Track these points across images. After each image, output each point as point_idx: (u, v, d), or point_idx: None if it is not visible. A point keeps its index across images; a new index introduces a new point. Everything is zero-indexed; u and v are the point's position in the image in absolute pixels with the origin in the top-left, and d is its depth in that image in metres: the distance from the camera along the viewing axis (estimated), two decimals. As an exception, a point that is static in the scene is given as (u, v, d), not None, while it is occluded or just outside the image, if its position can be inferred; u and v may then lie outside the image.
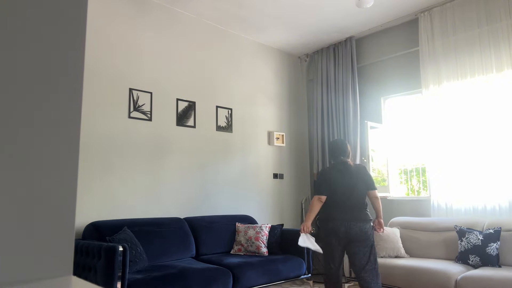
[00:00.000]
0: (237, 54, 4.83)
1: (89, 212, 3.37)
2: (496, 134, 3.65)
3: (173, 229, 3.55)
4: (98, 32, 3.61)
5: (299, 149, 5.46)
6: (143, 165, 3.78)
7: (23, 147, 0.64)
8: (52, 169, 0.66)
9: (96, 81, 3.54)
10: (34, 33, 0.67)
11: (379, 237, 3.72)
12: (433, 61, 4.16)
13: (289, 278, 3.61)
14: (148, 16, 4.00)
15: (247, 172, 4.72)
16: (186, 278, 2.87)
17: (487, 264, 3.17)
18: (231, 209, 4.49)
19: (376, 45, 4.89)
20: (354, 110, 4.84)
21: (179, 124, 4.11)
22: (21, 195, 0.63)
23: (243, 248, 3.83)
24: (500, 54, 3.69)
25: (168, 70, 4.10)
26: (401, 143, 4.69)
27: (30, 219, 0.63)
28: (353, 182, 2.97)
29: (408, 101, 4.66)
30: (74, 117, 0.70)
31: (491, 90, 3.72)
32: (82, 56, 0.73)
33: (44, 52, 0.68)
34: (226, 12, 4.31)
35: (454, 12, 4.03)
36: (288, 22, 4.60)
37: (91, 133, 3.45)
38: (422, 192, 4.50)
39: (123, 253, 2.60)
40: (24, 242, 0.63)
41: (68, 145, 0.69)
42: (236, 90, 4.75)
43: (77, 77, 0.71)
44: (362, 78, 5.04)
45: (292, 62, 5.58)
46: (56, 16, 0.70)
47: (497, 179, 3.62)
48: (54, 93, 0.68)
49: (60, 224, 0.67)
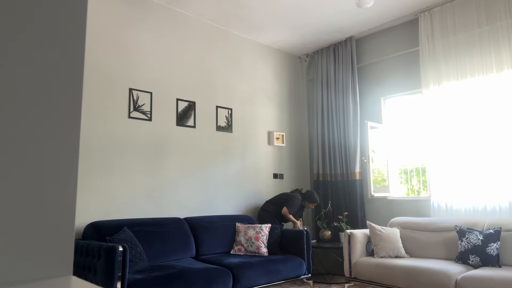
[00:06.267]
0: (237, 54, 4.83)
1: (89, 212, 3.36)
2: (496, 134, 3.65)
3: (173, 229, 3.55)
4: (98, 32, 3.60)
5: (299, 149, 5.46)
6: (143, 165, 3.78)
7: (23, 147, 0.64)
8: (52, 169, 0.66)
9: (96, 81, 3.54)
10: (34, 33, 0.67)
11: (379, 237, 3.72)
12: (433, 61, 4.16)
13: (289, 278, 3.61)
14: (148, 16, 4.00)
15: (247, 172, 4.72)
16: (186, 278, 2.87)
17: (487, 264, 3.17)
18: (231, 209, 4.49)
19: (376, 45, 4.89)
20: (354, 110, 4.84)
21: (179, 124, 4.11)
22: (21, 195, 0.63)
23: (243, 248, 3.83)
24: (500, 54, 3.69)
25: (168, 70, 4.10)
26: (401, 143, 4.69)
27: (30, 219, 0.63)
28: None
29: (408, 101, 4.66)
30: (74, 117, 0.70)
31: (491, 90, 3.72)
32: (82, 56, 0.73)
33: (44, 52, 0.68)
34: (226, 12, 4.31)
35: (454, 12, 4.03)
36: (288, 22, 4.59)
37: (91, 133, 3.45)
38: (422, 192, 4.50)
39: (123, 253, 2.60)
40: (24, 242, 0.62)
41: (68, 145, 0.69)
42: (236, 90, 4.75)
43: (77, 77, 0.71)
44: (362, 78, 5.04)
45: (292, 62, 5.58)
46: (56, 16, 0.70)
47: (497, 179, 3.62)
48: (54, 93, 0.68)
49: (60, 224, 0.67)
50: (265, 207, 4.41)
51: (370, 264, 3.54)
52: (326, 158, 5.05)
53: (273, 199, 4.48)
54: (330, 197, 4.96)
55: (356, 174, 4.73)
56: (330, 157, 5.04)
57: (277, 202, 4.41)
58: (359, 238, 3.80)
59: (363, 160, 4.81)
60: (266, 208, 4.39)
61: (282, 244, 3.98)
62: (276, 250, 3.87)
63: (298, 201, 4.36)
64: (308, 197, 4.44)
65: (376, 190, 4.74)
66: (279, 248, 3.92)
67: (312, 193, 4.47)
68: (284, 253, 3.89)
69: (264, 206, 4.44)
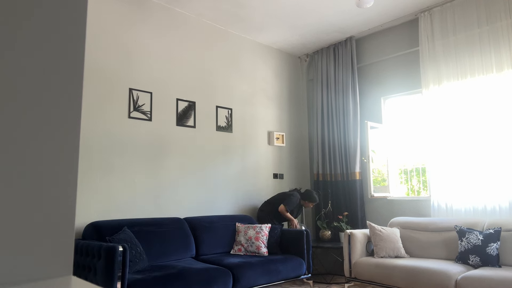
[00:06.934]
0: (237, 54, 4.83)
1: (89, 212, 3.36)
2: (496, 134, 3.65)
3: (173, 229, 3.55)
4: (98, 32, 3.61)
5: (299, 149, 5.46)
6: (143, 165, 3.78)
7: (23, 147, 0.64)
8: (52, 169, 0.66)
9: (96, 81, 3.54)
10: (34, 33, 0.67)
11: (379, 237, 3.72)
12: (433, 61, 4.16)
13: (289, 278, 3.61)
14: (148, 16, 4.00)
15: (247, 172, 4.72)
16: (186, 278, 2.87)
17: (487, 264, 3.17)
18: (231, 209, 4.49)
19: (376, 45, 4.89)
20: (354, 110, 4.84)
21: (179, 124, 4.11)
22: (21, 195, 0.63)
23: (243, 248, 3.83)
24: (500, 54, 3.69)
25: (168, 70, 4.10)
26: (401, 143, 4.69)
27: (30, 219, 0.63)
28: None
29: (408, 101, 4.66)
30: (74, 117, 0.70)
31: (491, 90, 3.72)
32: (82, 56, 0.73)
33: (44, 52, 0.68)
34: (226, 12, 4.31)
35: (454, 12, 4.03)
36: (288, 22, 4.59)
37: (91, 133, 3.45)
38: (422, 192, 4.50)
39: (123, 253, 2.60)
40: (24, 242, 0.62)
41: (68, 145, 0.69)
42: (236, 90, 4.75)
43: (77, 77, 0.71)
44: (362, 78, 5.04)
45: (292, 62, 5.58)
46: (56, 16, 0.70)
47: (497, 179, 3.62)
48: (54, 93, 0.68)
49: (60, 224, 0.67)
50: (263, 208, 4.41)
51: (370, 264, 3.54)
52: (326, 158, 5.05)
53: (271, 199, 4.48)
54: (330, 197, 4.96)
55: (356, 174, 4.73)
56: (330, 157, 5.04)
57: (274, 201, 4.41)
58: (359, 238, 3.80)
59: (363, 160, 4.81)
60: (263, 209, 4.40)
61: (282, 244, 3.98)
62: (276, 250, 3.87)
63: (296, 199, 4.36)
64: (308, 196, 4.44)
65: (376, 190, 4.74)
66: (279, 248, 3.92)
67: (311, 192, 4.47)
68: (284, 253, 3.89)
69: (262, 207, 4.44)
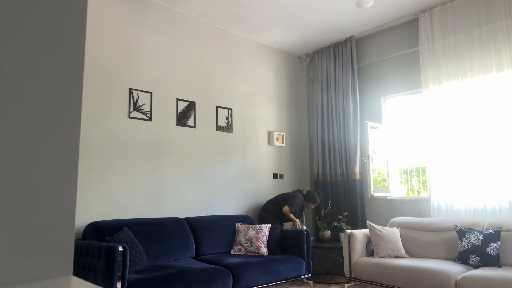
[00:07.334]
0: (237, 54, 4.83)
1: (89, 212, 3.36)
2: (496, 134, 3.65)
3: (173, 229, 3.55)
4: (98, 32, 3.60)
5: (299, 149, 5.46)
6: (143, 165, 3.78)
7: (23, 147, 0.64)
8: (52, 169, 0.66)
9: (96, 81, 3.54)
10: (34, 33, 0.67)
11: (379, 237, 3.72)
12: (433, 61, 4.16)
13: (289, 278, 3.61)
14: (148, 16, 4.00)
15: (247, 172, 4.72)
16: (186, 278, 2.87)
17: (487, 264, 3.17)
18: (231, 209, 4.49)
19: (376, 45, 4.89)
20: (354, 110, 4.84)
21: (179, 124, 4.11)
22: (21, 195, 0.63)
23: (243, 248, 3.83)
24: (500, 54, 3.69)
25: (168, 70, 4.10)
26: (401, 143, 4.69)
27: (30, 219, 0.63)
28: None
29: (408, 101, 4.66)
30: (74, 117, 0.70)
31: (491, 90, 3.72)
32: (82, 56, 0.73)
33: (44, 52, 0.68)
34: (226, 12, 4.31)
35: (454, 12, 4.03)
36: (288, 22, 4.60)
37: (91, 133, 3.45)
38: (422, 192, 4.50)
39: (123, 253, 2.60)
40: (24, 242, 0.62)
41: (68, 145, 0.69)
42: (236, 90, 4.75)
43: (77, 77, 0.71)
44: (362, 78, 5.04)
45: (292, 62, 5.58)
46: (56, 16, 0.70)
47: (497, 179, 3.62)
48: (54, 93, 0.68)
49: (60, 224, 0.67)
50: (266, 207, 4.42)
51: (370, 264, 3.54)
52: (326, 158, 5.05)
53: (274, 199, 4.49)
54: (330, 197, 4.96)
55: (356, 174, 4.73)
56: (330, 157, 5.04)
57: (278, 202, 4.43)
58: (359, 238, 3.80)
59: (363, 160, 4.81)
60: (267, 208, 4.40)
61: (282, 244, 3.98)
62: (276, 250, 3.87)
63: (299, 201, 4.38)
64: (310, 197, 4.45)
65: (376, 190, 4.74)
66: (279, 248, 3.92)
67: (313, 193, 4.49)
68: (284, 253, 3.89)
69: (265, 206, 4.45)
